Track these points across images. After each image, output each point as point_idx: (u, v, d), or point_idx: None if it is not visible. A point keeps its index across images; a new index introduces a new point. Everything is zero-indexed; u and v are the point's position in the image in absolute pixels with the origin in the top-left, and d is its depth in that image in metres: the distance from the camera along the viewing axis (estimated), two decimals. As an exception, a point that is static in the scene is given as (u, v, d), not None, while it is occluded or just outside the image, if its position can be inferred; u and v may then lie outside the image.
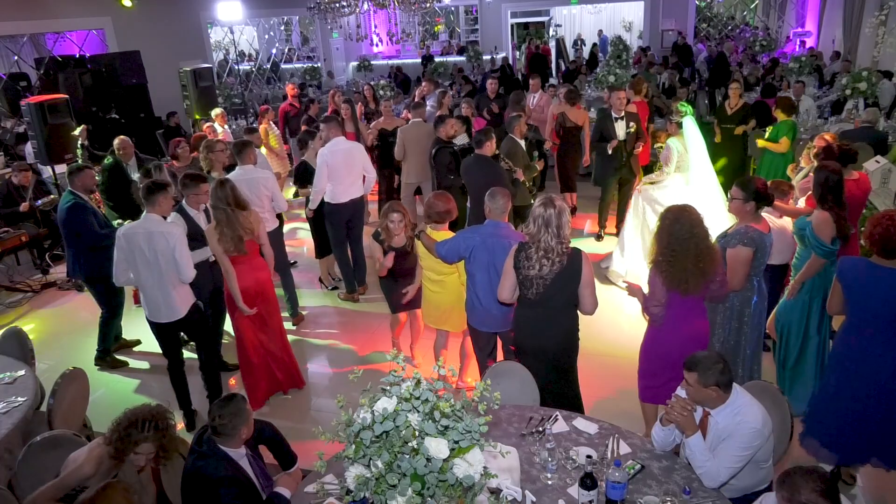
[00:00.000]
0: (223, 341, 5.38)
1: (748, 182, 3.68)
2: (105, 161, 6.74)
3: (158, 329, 4.37)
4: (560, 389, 3.62)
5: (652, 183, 6.20)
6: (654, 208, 5.83)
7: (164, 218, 4.27)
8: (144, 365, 5.48)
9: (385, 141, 7.78)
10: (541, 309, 3.45)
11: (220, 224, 4.25)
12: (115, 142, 6.69)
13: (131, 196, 6.32)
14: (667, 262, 3.31)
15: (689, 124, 5.84)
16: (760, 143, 6.75)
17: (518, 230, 4.23)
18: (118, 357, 5.51)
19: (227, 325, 5.12)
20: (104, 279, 5.17)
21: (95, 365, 5.40)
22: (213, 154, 5.75)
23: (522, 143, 6.33)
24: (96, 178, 5.70)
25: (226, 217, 4.24)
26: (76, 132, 7.25)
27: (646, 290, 3.56)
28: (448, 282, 4.24)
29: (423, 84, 10.14)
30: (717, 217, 5.12)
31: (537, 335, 3.51)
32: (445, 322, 4.47)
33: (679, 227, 3.30)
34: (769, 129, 6.75)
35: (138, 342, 5.72)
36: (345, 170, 5.83)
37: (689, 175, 5.83)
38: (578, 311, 3.53)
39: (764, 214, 3.91)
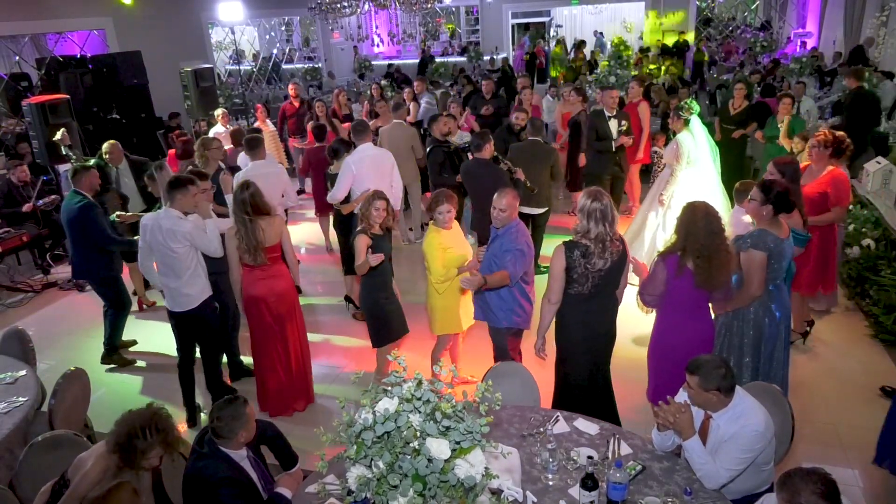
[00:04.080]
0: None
1: (770, 185, 3.60)
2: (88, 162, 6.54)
3: (174, 320, 4.40)
4: (600, 383, 3.68)
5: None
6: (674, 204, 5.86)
7: (186, 214, 4.25)
8: (144, 365, 5.48)
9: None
10: (593, 301, 3.49)
11: (239, 232, 4.19)
12: (105, 146, 6.57)
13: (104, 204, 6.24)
14: (703, 259, 3.26)
15: (696, 122, 5.94)
16: (786, 143, 6.59)
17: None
18: (125, 356, 5.50)
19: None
20: (111, 280, 5.23)
21: (102, 363, 5.40)
22: (210, 151, 5.75)
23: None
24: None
25: (244, 225, 4.17)
26: (57, 137, 7.10)
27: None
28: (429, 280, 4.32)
29: (416, 83, 10.09)
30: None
31: (589, 328, 3.54)
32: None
33: (709, 221, 3.28)
34: (783, 126, 6.65)
35: (134, 342, 5.73)
36: (375, 177, 5.50)
37: (697, 170, 5.86)
38: None
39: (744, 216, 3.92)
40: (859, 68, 8.52)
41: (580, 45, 17.05)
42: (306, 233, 8.32)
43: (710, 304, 3.57)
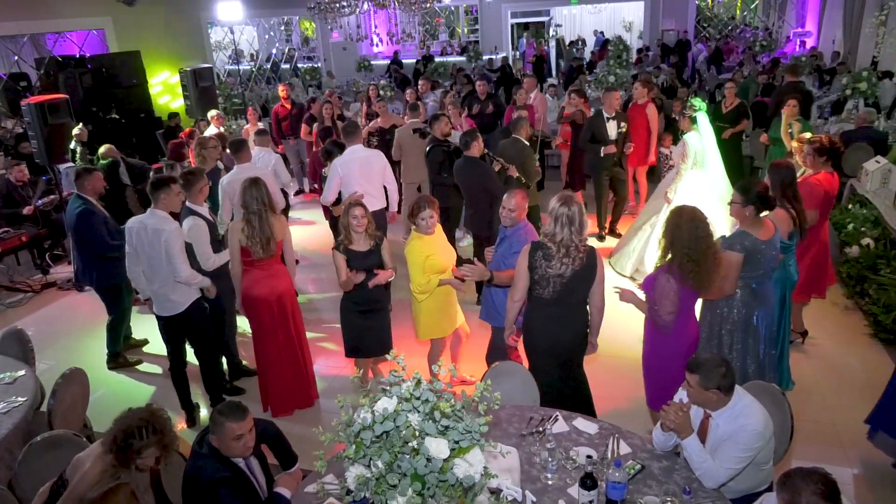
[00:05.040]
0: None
1: (749, 186, 3.64)
2: (102, 161, 6.71)
3: (162, 323, 4.38)
4: (572, 388, 3.64)
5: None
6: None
7: (175, 214, 4.25)
8: (145, 365, 5.48)
9: (383, 139, 7.78)
10: (556, 307, 3.46)
11: (250, 225, 4.12)
12: (101, 150, 6.67)
13: (125, 200, 6.32)
14: (692, 264, 3.25)
15: (703, 120, 5.83)
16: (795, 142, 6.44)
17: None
18: (130, 358, 5.50)
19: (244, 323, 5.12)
20: (113, 286, 5.20)
21: (109, 368, 5.40)
22: (206, 150, 5.76)
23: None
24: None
25: (259, 219, 4.11)
26: (76, 130, 7.11)
27: (640, 294, 3.56)
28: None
29: (421, 83, 10.16)
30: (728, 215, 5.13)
31: (552, 334, 3.51)
32: None
33: (695, 226, 3.27)
34: (792, 128, 6.53)
35: (146, 342, 5.72)
36: (361, 179, 5.54)
37: (705, 172, 5.83)
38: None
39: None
40: (796, 64, 9.14)
41: (605, 43, 17.12)
42: (307, 233, 8.32)
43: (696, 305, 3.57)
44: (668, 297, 3.32)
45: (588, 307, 3.57)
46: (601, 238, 7.31)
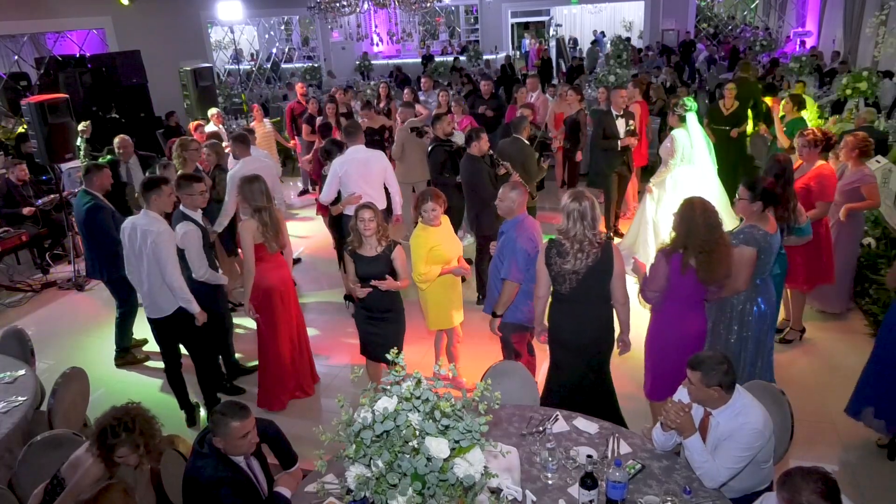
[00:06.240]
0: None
1: (755, 182, 3.67)
2: (102, 158, 6.75)
3: (153, 325, 4.38)
4: (594, 386, 3.64)
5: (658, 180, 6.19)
6: (663, 200, 5.95)
7: (168, 214, 4.27)
8: (146, 364, 5.47)
9: (370, 139, 7.76)
10: (575, 304, 3.47)
11: (263, 221, 4.20)
12: (116, 140, 6.68)
13: (125, 198, 6.34)
14: (705, 255, 3.28)
15: (692, 120, 5.92)
16: (785, 141, 6.53)
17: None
18: (137, 355, 5.51)
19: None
20: (123, 278, 5.20)
21: (116, 365, 5.41)
22: (187, 153, 5.69)
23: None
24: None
25: (269, 213, 4.21)
26: (81, 127, 7.10)
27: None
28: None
29: (423, 81, 10.20)
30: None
31: (574, 330, 3.52)
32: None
33: (707, 216, 3.30)
34: (780, 125, 6.65)
35: (145, 341, 5.72)
36: (360, 180, 5.50)
37: (694, 169, 5.88)
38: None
39: None
40: (747, 61, 9.49)
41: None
42: (308, 232, 8.32)
43: (705, 298, 3.58)
44: (657, 277, 3.42)
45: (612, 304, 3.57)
46: (608, 238, 7.27)
